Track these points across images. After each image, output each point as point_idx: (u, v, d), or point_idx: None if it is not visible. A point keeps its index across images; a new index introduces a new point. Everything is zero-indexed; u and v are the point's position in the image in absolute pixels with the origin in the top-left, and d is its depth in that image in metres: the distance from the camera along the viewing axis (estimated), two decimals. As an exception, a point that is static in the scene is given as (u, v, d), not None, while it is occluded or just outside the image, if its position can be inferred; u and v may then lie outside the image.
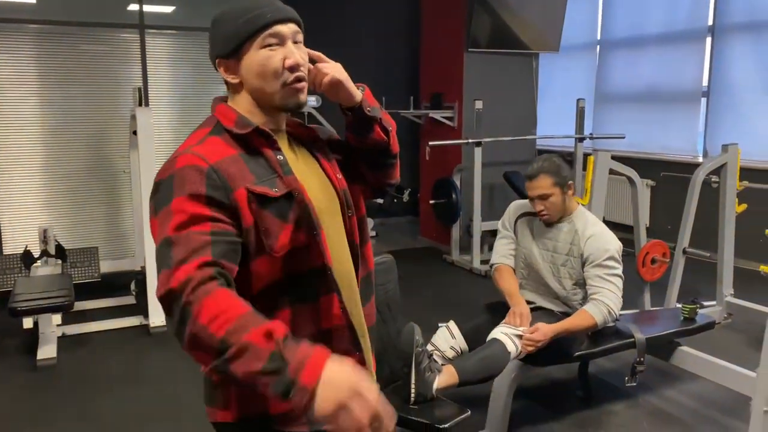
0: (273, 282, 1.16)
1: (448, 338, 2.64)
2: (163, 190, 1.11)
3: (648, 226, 6.23)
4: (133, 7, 5.10)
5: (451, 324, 2.68)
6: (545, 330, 2.46)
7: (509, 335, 2.47)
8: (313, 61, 1.25)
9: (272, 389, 0.95)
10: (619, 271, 2.59)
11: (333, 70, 1.25)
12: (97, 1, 4.99)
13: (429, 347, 2.61)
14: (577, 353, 2.70)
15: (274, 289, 1.16)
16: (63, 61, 4.91)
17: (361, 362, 1.26)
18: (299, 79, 1.20)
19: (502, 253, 2.83)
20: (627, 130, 6.11)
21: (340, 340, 1.23)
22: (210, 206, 1.09)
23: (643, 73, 6.40)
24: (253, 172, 1.15)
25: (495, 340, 2.47)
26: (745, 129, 5.42)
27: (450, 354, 2.61)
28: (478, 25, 5.64)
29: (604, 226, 2.70)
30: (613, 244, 2.60)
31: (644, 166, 6.18)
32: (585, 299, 2.63)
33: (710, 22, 5.74)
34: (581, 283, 2.63)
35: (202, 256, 1.03)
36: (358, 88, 1.29)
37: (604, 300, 2.53)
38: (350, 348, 1.25)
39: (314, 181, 1.25)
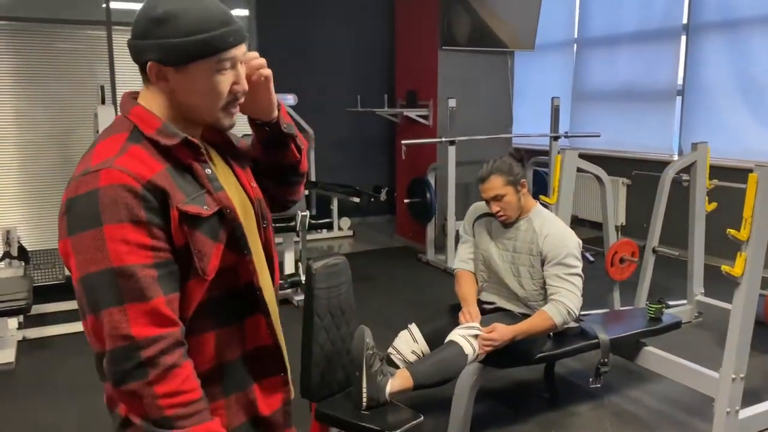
0: (199, 304, 1.09)
1: (409, 342, 2.59)
2: (83, 208, 1.00)
3: (623, 224, 6.24)
4: (102, 4, 5.01)
5: (413, 327, 2.63)
6: (502, 331, 2.42)
7: (466, 337, 2.42)
8: None
9: None
10: (579, 270, 2.55)
11: (264, 64, 1.16)
12: (64, -2, 4.91)
13: (391, 351, 2.56)
14: (539, 355, 2.66)
15: (198, 313, 1.09)
16: (29, 59, 4.82)
17: (285, 382, 1.24)
18: (237, 104, 1.14)
19: (462, 257, 2.82)
20: (603, 129, 6.10)
21: (268, 361, 1.21)
22: (150, 233, 1.01)
23: (620, 72, 6.40)
24: (181, 188, 1.06)
25: (451, 342, 2.42)
26: (719, 127, 5.42)
27: (411, 358, 2.56)
28: (453, 23, 5.60)
29: (562, 223, 2.67)
30: (571, 241, 2.57)
31: (620, 164, 6.18)
32: (546, 300, 2.59)
33: (685, 21, 5.74)
34: (542, 284, 2.59)
35: (158, 296, 1.00)
36: None
37: (563, 300, 2.49)
38: (276, 368, 1.22)
39: (232, 192, 1.16)
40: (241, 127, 1.25)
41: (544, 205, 2.89)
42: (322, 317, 2.04)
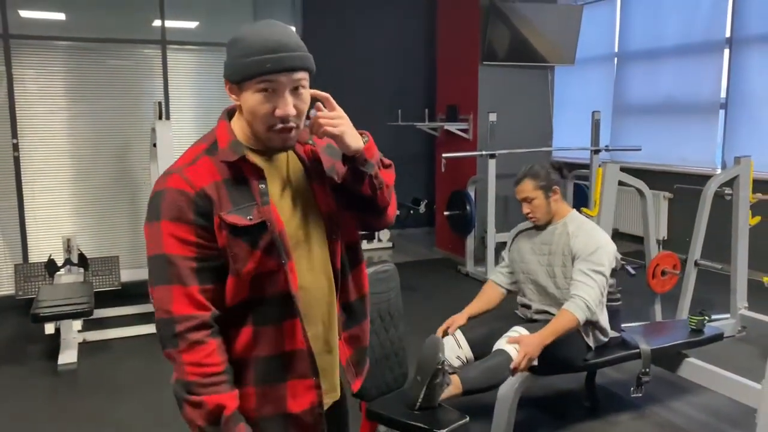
0: (240, 300, 1.26)
1: (454, 347, 2.68)
2: (155, 203, 1.23)
3: (665, 238, 6.21)
4: (156, 23, 5.27)
5: (458, 334, 2.73)
6: (528, 341, 2.49)
7: (515, 347, 2.50)
8: (317, 100, 1.28)
9: None
10: (605, 270, 2.60)
11: (328, 122, 1.26)
12: (122, 18, 5.17)
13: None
14: (581, 364, 2.72)
15: (241, 307, 1.26)
16: (89, 76, 5.09)
17: (317, 386, 1.34)
18: (288, 129, 1.24)
19: (496, 270, 3.01)
20: (645, 142, 6.09)
21: (300, 363, 1.31)
22: (195, 232, 1.21)
23: (661, 85, 6.39)
24: (231, 199, 1.23)
25: (501, 350, 2.51)
26: (763, 141, 5.38)
27: (456, 363, 2.66)
28: (493, 38, 5.70)
29: (599, 229, 2.77)
30: (603, 242, 2.65)
31: (662, 178, 6.17)
32: None
33: (728, 34, 5.72)
34: None
35: (192, 284, 1.21)
36: (362, 136, 1.31)
37: (580, 294, 2.55)
38: (307, 372, 1.32)
39: (297, 204, 1.32)
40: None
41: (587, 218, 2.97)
42: (372, 321, 2.16)
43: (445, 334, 2.73)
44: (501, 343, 2.56)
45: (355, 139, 1.28)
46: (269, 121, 1.22)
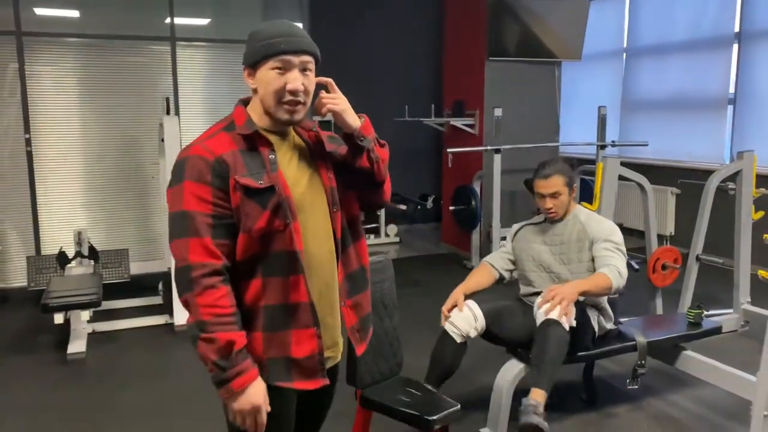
0: (252, 255, 1.45)
1: (469, 319, 2.67)
2: (178, 168, 1.44)
3: (672, 233, 6.19)
4: (166, 20, 5.34)
5: (472, 304, 2.71)
6: (563, 288, 2.56)
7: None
8: (323, 86, 1.53)
9: (213, 376, 1.40)
10: (623, 249, 2.75)
11: (331, 101, 1.51)
12: (133, 16, 5.25)
13: (448, 327, 2.68)
14: (588, 344, 2.74)
15: (251, 261, 1.45)
16: (100, 73, 5.18)
17: (318, 336, 1.51)
18: (295, 102, 1.46)
19: (494, 255, 3.04)
20: (653, 138, 6.08)
21: (303, 314, 1.49)
22: (213, 192, 1.41)
23: (670, 81, 6.37)
24: (246, 165, 1.44)
25: (547, 323, 2.51)
26: (771, 136, 5.35)
27: (473, 334, 2.67)
28: (500, 34, 5.71)
29: (597, 214, 2.90)
30: (614, 226, 2.81)
31: (670, 173, 6.15)
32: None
33: (737, 29, 5.69)
34: (588, 265, 2.76)
35: (207, 236, 1.39)
36: (359, 118, 1.54)
37: (615, 263, 2.65)
38: (309, 323, 1.50)
39: (303, 177, 1.52)
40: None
41: None
42: (366, 310, 2.20)
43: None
44: (541, 314, 2.55)
45: (354, 118, 1.53)
46: (280, 94, 1.45)
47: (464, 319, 2.68)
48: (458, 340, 2.65)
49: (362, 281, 1.66)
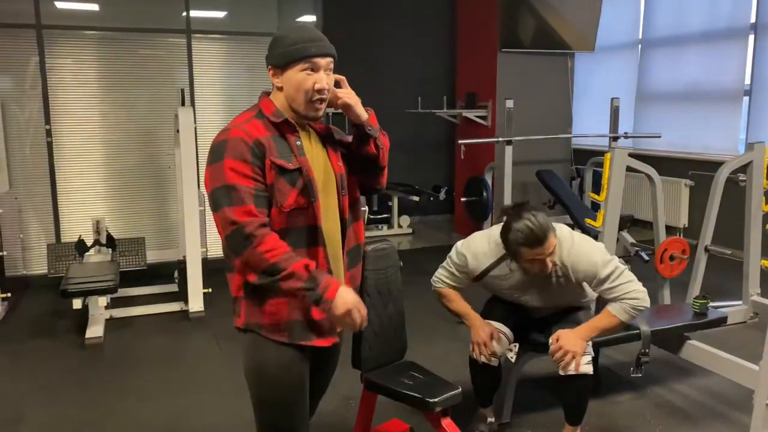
0: (281, 228, 1.65)
1: (504, 342, 2.59)
2: (218, 148, 1.62)
3: (686, 225, 6.17)
4: (182, 12, 5.42)
5: (503, 328, 2.60)
6: (568, 345, 2.38)
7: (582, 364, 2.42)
8: (336, 82, 1.73)
9: (308, 299, 1.60)
10: (616, 262, 2.44)
11: (345, 95, 1.74)
12: (149, 8, 5.33)
13: (487, 359, 2.54)
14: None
15: (280, 233, 1.64)
16: (118, 65, 5.27)
17: None
18: (321, 100, 1.68)
19: (450, 280, 2.66)
20: (667, 130, 6.06)
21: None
22: (252, 169, 1.60)
23: (685, 72, 6.33)
24: (277, 149, 1.65)
25: (570, 381, 2.42)
26: (787, 127, 5.31)
27: (512, 356, 2.61)
28: (512, 25, 5.72)
29: (577, 239, 2.48)
30: (595, 254, 2.43)
31: (684, 165, 6.13)
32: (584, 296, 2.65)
33: (753, 20, 5.64)
34: (579, 289, 2.57)
35: (251, 204, 1.58)
36: (366, 111, 1.78)
37: (625, 299, 2.42)
38: None
39: (319, 163, 1.74)
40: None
41: (571, 226, 2.85)
42: (371, 296, 2.26)
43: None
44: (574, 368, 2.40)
45: (363, 111, 1.77)
46: (309, 94, 1.65)
47: (503, 346, 2.59)
48: (495, 364, 2.58)
49: (357, 257, 1.90)
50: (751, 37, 5.67)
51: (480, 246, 2.56)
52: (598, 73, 7.26)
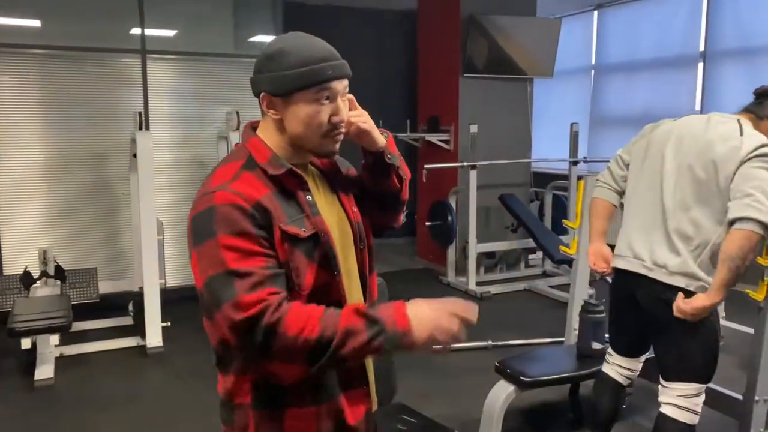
0: None
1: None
2: (203, 222, 1.16)
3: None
4: (135, 32, 5.21)
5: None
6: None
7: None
8: None
9: (385, 346, 1.12)
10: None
11: (359, 120, 1.31)
12: (99, 27, 5.10)
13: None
14: (563, 375, 2.73)
15: None
16: (65, 85, 5.01)
17: (368, 395, 1.35)
18: (340, 133, 1.26)
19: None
20: (621, 153, 6.18)
21: (354, 374, 1.30)
22: (259, 243, 1.15)
23: (638, 97, 6.52)
24: (285, 211, 1.20)
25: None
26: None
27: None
28: (474, 51, 5.76)
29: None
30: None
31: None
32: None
33: (702, 48, 5.86)
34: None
35: (268, 287, 1.12)
36: (382, 134, 1.36)
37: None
38: (361, 381, 1.32)
39: (333, 215, 1.30)
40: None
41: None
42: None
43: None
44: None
45: (380, 135, 1.35)
46: (325, 128, 1.22)
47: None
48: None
49: None
50: (701, 65, 5.89)
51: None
52: (554, 97, 7.41)
